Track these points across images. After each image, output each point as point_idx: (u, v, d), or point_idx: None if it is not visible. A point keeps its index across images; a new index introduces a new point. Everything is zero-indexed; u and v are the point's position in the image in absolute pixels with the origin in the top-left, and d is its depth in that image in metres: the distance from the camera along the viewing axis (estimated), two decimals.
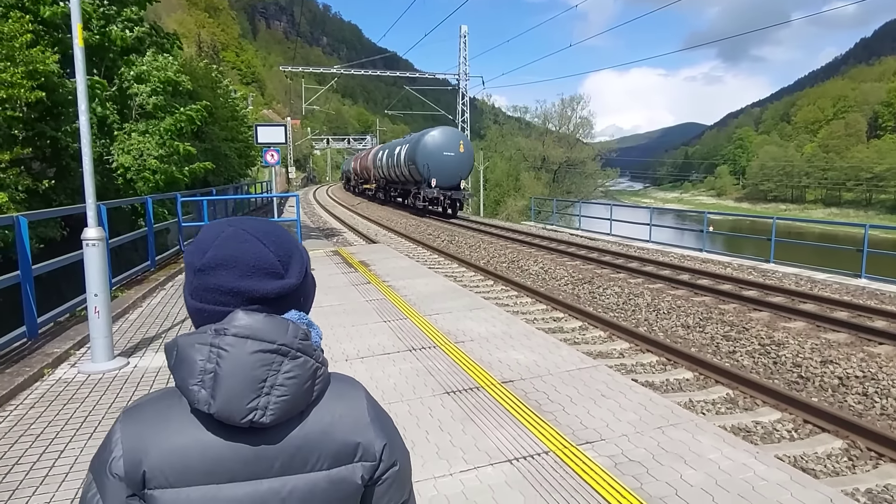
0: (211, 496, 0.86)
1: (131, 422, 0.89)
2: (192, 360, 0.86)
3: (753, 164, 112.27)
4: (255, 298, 0.89)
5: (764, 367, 6.97)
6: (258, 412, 0.85)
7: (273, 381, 0.86)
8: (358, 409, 0.96)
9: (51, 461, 3.57)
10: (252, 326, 0.87)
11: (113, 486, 0.87)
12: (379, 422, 0.98)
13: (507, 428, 3.78)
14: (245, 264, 0.89)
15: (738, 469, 3.19)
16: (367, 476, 0.94)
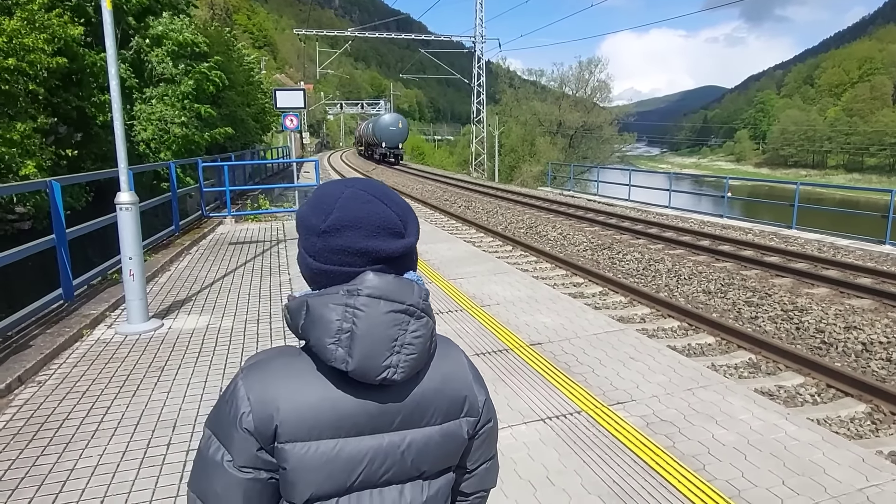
0: (338, 449, 0.90)
1: (257, 378, 0.92)
2: (328, 319, 0.88)
3: (774, 128, 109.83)
4: (380, 258, 0.91)
5: (787, 332, 6.98)
6: (391, 370, 0.89)
7: (403, 339, 0.90)
8: (462, 367, 1.02)
9: (99, 417, 3.71)
10: (384, 287, 0.89)
11: (242, 441, 0.89)
12: (479, 379, 1.05)
13: (538, 389, 3.86)
14: (371, 224, 0.91)
15: (770, 429, 3.24)
16: (471, 430, 1.01)
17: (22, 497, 2.88)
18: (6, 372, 4.22)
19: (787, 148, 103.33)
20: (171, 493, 2.88)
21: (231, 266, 7.99)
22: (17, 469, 3.12)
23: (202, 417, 3.67)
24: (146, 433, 3.49)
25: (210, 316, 5.78)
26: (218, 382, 4.19)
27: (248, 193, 16.75)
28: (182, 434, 3.46)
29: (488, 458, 1.07)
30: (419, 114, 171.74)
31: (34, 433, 3.50)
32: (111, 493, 2.90)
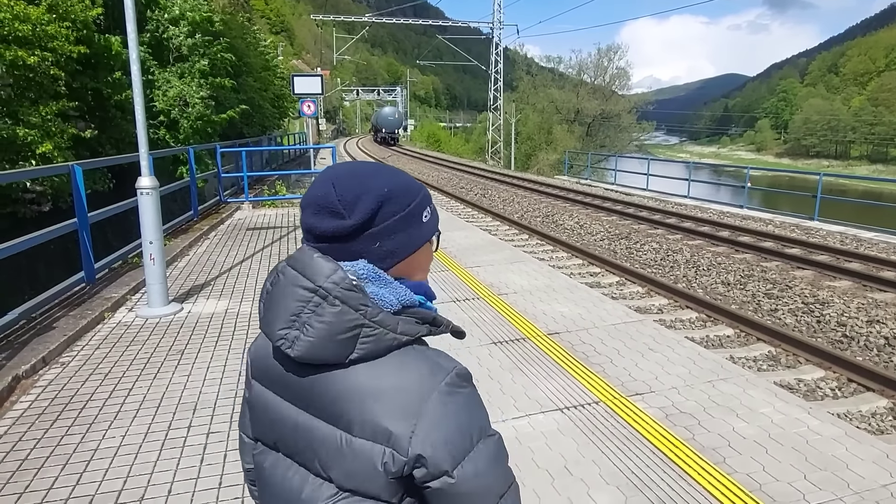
0: (267, 397, 0.99)
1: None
2: (265, 282, 0.96)
3: (797, 117, 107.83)
4: (318, 236, 0.92)
5: (807, 325, 6.88)
6: (285, 342, 0.88)
7: (306, 318, 0.87)
8: (410, 393, 0.86)
9: (121, 398, 3.77)
10: (300, 260, 0.90)
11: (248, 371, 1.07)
12: (433, 420, 0.85)
13: (555, 378, 3.84)
14: (314, 203, 0.92)
15: (791, 423, 3.21)
16: (394, 468, 0.85)
17: (47, 475, 2.94)
18: (31, 353, 4.30)
19: (810, 138, 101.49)
20: (192, 475, 2.92)
21: (249, 251, 8.04)
22: (43, 448, 3.19)
23: (222, 400, 3.71)
24: (167, 415, 3.54)
25: (228, 301, 5.83)
26: (237, 366, 4.23)
27: (266, 179, 16.83)
28: (202, 417, 3.50)
29: None
30: (435, 101, 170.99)
31: (58, 413, 3.57)
32: (134, 472, 2.95)
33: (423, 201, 0.96)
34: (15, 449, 3.18)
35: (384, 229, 0.91)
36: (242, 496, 2.75)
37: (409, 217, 0.93)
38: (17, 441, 3.26)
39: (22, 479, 2.92)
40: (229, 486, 2.83)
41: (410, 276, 0.97)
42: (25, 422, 3.47)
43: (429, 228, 0.98)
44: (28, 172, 5.98)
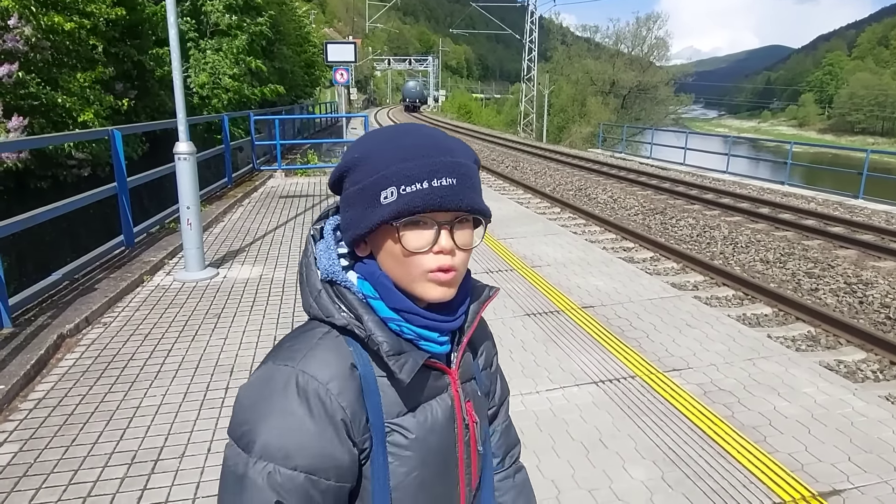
0: None
1: None
2: None
3: (842, 92, 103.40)
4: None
5: (849, 306, 6.68)
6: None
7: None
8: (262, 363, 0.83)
9: (161, 358, 3.85)
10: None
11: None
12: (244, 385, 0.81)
13: (590, 351, 3.80)
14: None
15: (836, 404, 3.12)
16: None
17: (93, 430, 3.03)
18: (74, 313, 4.42)
19: (855, 113, 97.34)
20: None
21: (282, 219, 8.11)
22: (87, 404, 3.28)
23: (258, 364, 3.76)
24: (206, 376, 3.61)
25: (263, 266, 5.90)
26: (272, 331, 4.28)
27: (298, 148, 16.89)
28: (239, 379, 3.57)
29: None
30: (467, 71, 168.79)
31: (102, 371, 3.67)
32: (175, 430, 3.02)
33: (385, 181, 0.74)
34: (61, 404, 3.29)
35: (344, 197, 0.81)
36: None
37: (362, 192, 0.77)
38: (63, 397, 3.37)
39: (69, 433, 3.01)
40: None
41: (394, 278, 0.79)
42: (71, 378, 3.58)
43: (381, 213, 0.75)
44: (69, 136, 6.09)
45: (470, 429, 0.88)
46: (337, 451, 0.75)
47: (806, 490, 2.47)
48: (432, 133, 0.80)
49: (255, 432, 0.74)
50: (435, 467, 0.84)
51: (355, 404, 0.76)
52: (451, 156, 0.76)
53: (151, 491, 2.57)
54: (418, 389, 0.82)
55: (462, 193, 0.75)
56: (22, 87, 6.77)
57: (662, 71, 50.47)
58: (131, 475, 2.68)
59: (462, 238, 0.77)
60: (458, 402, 0.87)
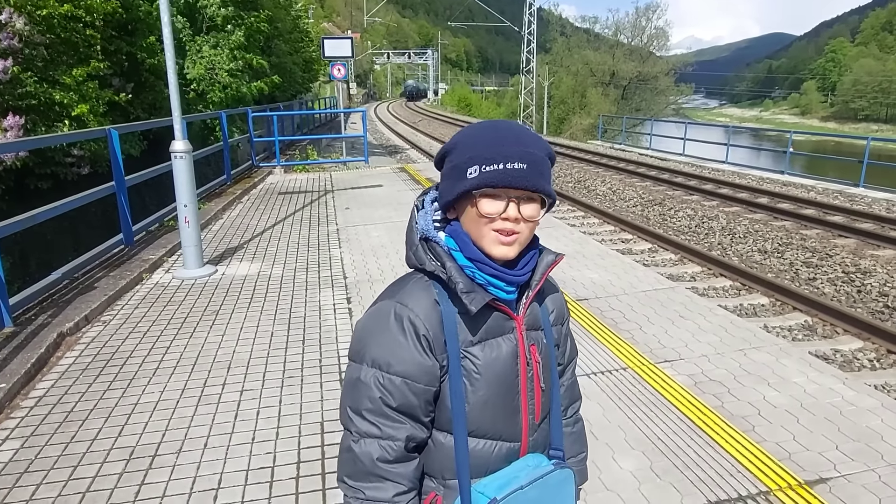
0: None
1: None
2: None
3: (846, 79, 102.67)
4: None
5: (846, 295, 6.70)
6: None
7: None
8: (374, 302, 1.10)
9: (159, 356, 3.90)
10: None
11: None
12: (359, 320, 1.09)
13: (583, 343, 3.83)
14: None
15: (825, 393, 3.15)
16: None
17: (92, 427, 3.08)
18: (74, 311, 4.47)
19: (859, 101, 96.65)
20: (226, 430, 3.02)
21: (280, 215, 8.14)
22: (87, 401, 3.33)
23: (255, 360, 3.82)
24: (203, 373, 3.65)
25: (261, 263, 5.94)
26: (269, 327, 4.33)
27: (297, 144, 16.90)
28: (236, 375, 3.61)
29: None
30: (467, 64, 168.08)
31: (101, 369, 3.72)
32: (172, 426, 3.07)
33: (471, 161, 0.99)
34: (61, 402, 3.34)
35: (443, 173, 1.05)
36: (274, 451, 2.84)
37: (454, 169, 1.01)
38: (62, 394, 3.42)
39: (68, 429, 3.06)
40: (262, 441, 2.92)
41: (471, 235, 1.02)
42: (70, 376, 3.63)
43: (464, 185, 0.99)
44: (66, 136, 6.12)
45: (532, 367, 1.09)
46: (425, 361, 1.00)
47: (792, 478, 2.51)
48: (514, 127, 1.04)
49: (366, 348, 1.02)
50: (499, 391, 1.05)
51: (437, 329, 1.01)
52: (524, 146, 0.99)
53: (148, 486, 2.62)
54: (487, 326, 1.04)
55: (530, 176, 0.97)
56: (19, 85, 6.79)
57: (662, 61, 50.27)
58: (129, 470, 2.73)
59: (527, 211, 0.99)
60: (522, 343, 1.07)
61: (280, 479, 2.65)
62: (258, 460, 2.78)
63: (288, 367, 3.69)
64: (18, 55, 6.91)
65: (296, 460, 2.78)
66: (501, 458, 1.07)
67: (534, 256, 1.08)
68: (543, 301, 1.17)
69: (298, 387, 3.44)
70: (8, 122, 6.60)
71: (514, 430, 1.08)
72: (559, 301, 1.22)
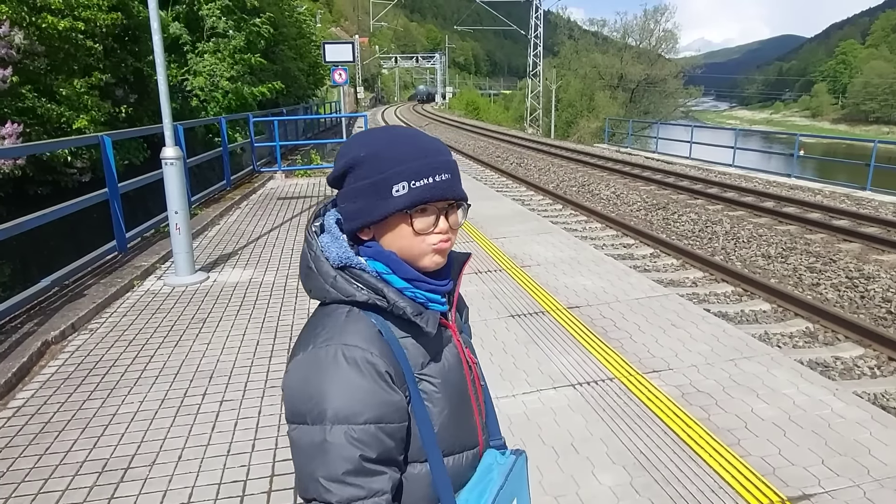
0: None
1: None
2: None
3: (856, 81, 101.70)
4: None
5: (850, 301, 6.58)
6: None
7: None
8: (298, 344, 0.96)
9: (142, 365, 3.87)
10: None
11: None
12: (289, 371, 0.94)
13: (571, 353, 3.76)
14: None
15: (815, 405, 3.06)
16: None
17: (67, 438, 3.04)
18: (61, 319, 4.45)
19: (869, 103, 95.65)
20: (202, 442, 2.98)
21: (278, 221, 8.13)
22: (65, 412, 3.30)
23: (238, 369, 3.77)
24: (184, 382, 3.61)
25: (254, 270, 5.91)
26: (255, 336, 4.29)
27: (300, 148, 16.93)
28: (217, 385, 3.57)
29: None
30: (475, 67, 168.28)
31: (83, 378, 3.69)
32: (148, 438, 3.03)
33: (397, 177, 0.91)
34: (39, 412, 3.31)
35: (348, 191, 0.96)
36: (248, 464, 2.80)
37: (373, 186, 0.93)
38: (41, 404, 3.39)
39: (43, 441, 3.03)
40: (237, 453, 2.87)
41: (401, 254, 0.96)
42: (51, 386, 3.61)
43: (394, 204, 0.91)
44: (59, 143, 6.13)
45: (472, 369, 1.08)
46: (392, 397, 0.91)
47: (775, 495, 2.42)
48: (421, 134, 0.98)
49: (322, 404, 0.88)
50: (457, 402, 1.01)
51: (393, 360, 0.92)
52: (444, 155, 0.95)
53: (118, 500, 2.58)
54: (433, 343, 0.99)
55: (455, 186, 0.95)
56: (17, 98, 6.81)
57: (671, 63, 50.03)
58: (100, 483, 2.69)
59: (455, 219, 0.97)
60: (461, 348, 1.06)
61: (252, 494, 2.60)
62: (231, 473, 2.73)
63: (270, 377, 3.65)
64: (18, 65, 6.95)
65: (269, 473, 2.73)
66: (469, 466, 1.05)
67: (451, 263, 1.04)
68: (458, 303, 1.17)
69: (278, 397, 3.40)
70: (6, 130, 6.63)
71: (473, 436, 1.06)
72: (463, 299, 1.20)
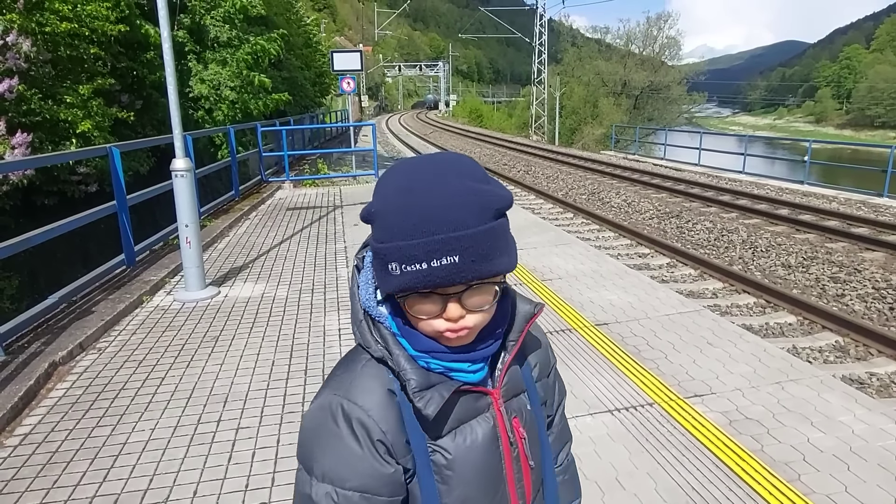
0: None
1: None
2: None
3: (861, 86, 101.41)
4: None
5: (878, 313, 6.38)
6: None
7: None
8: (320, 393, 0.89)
9: (153, 388, 3.68)
10: None
11: None
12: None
13: (604, 375, 3.56)
14: None
15: (876, 435, 2.85)
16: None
17: (76, 470, 2.86)
18: (68, 338, 4.27)
19: (875, 107, 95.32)
20: (218, 475, 2.79)
21: (288, 232, 7.95)
22: (73, 440, 3.12)
23: (253, 392, 3.59)
24: (198, 407, 3.43)
25: (266, 284, 5.73)
26: (270, 355, 4.10)
27: (307, 158, 16.79)
28: (232, 410, 3.38)
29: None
30: (478, 75, 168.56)
31: (91, 403, 3.51)
32: (160, 470, 2.84)
33: (391, 254, 0.76)
34: (47, 440, 3.13)
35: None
36: (269, 500, 2.60)
37: (377, 255, 0.79)
38: (49, 432, 3.21)
39: (51, 472, 2.85)
40: (255, 488, 2.68)
41: (416, 325, 0.82)
42: (59, 411, 3.42)
43: (391, 283, 0.78)
44: (67, 155, 5.97)
45: (518, 445, 0.89)
46: (385, 469, 0.80)
47: None
48: (445, 191, 0.75)
49: (313, 458, 0.82)
50: (480, 485, 0.85)
51: (395, 427, 0.81)
52: (454, 229, 0.73)
53: None
54: (454, 413, 0.83)
55: (465, 270, 0.74)
56: (24, 103, 6.69)
57: (675, 70, 49.98)
58: None
59: (474, 302, 0.78)
60: (502, 420, 0.87)
61: None
62: None
63: (288, 402, 3.46)
64: (26, 74, 6.83)
65: None
66: None
67: (502, 320, 0.86)
68: (525, 358, 0.94)
69: (296, 424, 3.20)
70: (16, 140, 6.49)
71: None
72: (543, 350, 0.98)
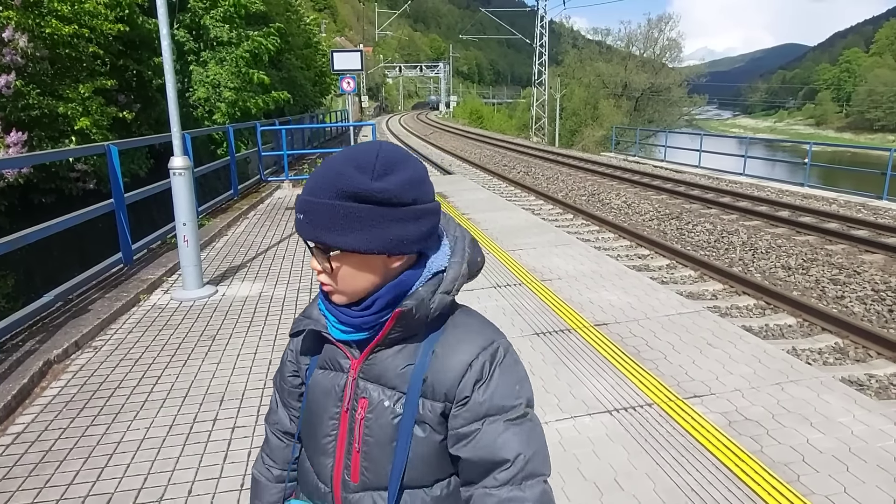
0: None
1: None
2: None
3: (860, 89, 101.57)
4: None
5: (878, 315, 6.35)
6: None
7: None
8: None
9: (149, 386, 3.66)
10: None
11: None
12: None
13: (604, 375, 3.54)
14: None
15: (875, 436, 2.83)
16: None
17: (68, 469, 2.83)
18: (64, 337, 4.25)
19: (874, 111, 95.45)
20: (213, 474, 2.76)
21: (286, 232, 7.93)
22: (67, 439, 3.09)
23: (250, 391, 3.56)
24: (193, 406, 3.40)
25: (263, 283, 5.71)
26: (267, 354, 4.08)
27: (307, 157, 16.77)
28: (229, 409, 3.36)
29: None
30: (479, 76, 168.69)
31: (86, 401, 3.48)
32: (155, 469, 2.81)
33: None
34: (40, 439, 3.10)
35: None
36: None
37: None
38: (42, 430, 3.18)
39: (44, 472, 2.82)
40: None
41: None
42: (53, 410, 3.40)
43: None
44: (65, 152, 5.95)
45: (356, 419, 0.96)
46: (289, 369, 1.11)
47: None
48: (326, 166, 0.93)
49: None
50: (314, 418, 1.02)
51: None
52: (309, 193, 0.90)
53: None
54: (324, 352, 1.03)
55: (304, 229, 0.91)
56: (21, 98, 6.66)
57: (675, 72, 50.07)
58: None
59: (313, 263, 0.94)
60: (349, 388, 0.97)
61: None
62: None
63: None
64: (24, 71, 6.80)
65: None
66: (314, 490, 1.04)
67: (388, 305, 0.92)
68: (426, 366, 0.93)
69: None
70: (11, 139, 6.46)
71: (324, 471, 1.01)
72: (448, 373, 0.92)
